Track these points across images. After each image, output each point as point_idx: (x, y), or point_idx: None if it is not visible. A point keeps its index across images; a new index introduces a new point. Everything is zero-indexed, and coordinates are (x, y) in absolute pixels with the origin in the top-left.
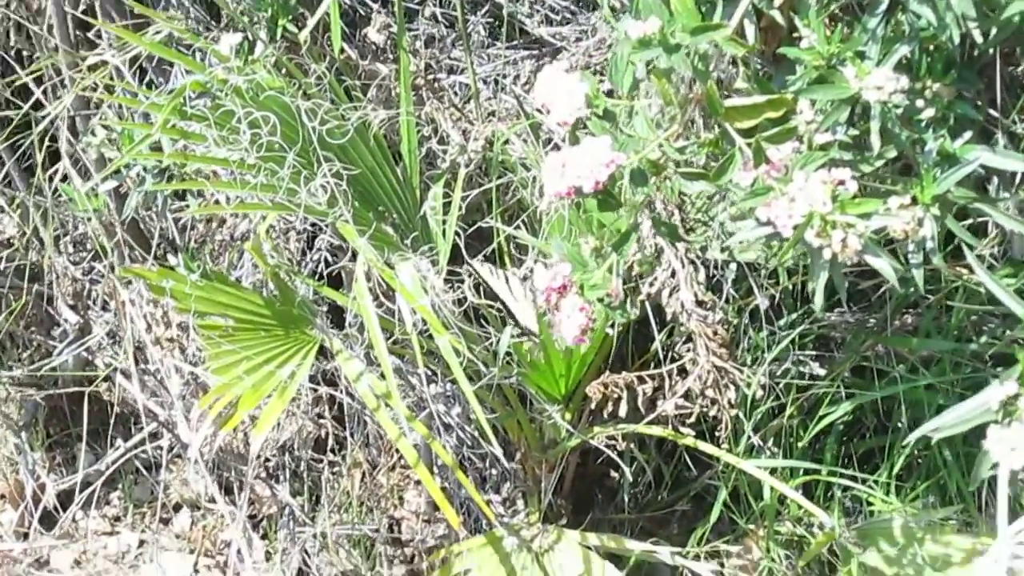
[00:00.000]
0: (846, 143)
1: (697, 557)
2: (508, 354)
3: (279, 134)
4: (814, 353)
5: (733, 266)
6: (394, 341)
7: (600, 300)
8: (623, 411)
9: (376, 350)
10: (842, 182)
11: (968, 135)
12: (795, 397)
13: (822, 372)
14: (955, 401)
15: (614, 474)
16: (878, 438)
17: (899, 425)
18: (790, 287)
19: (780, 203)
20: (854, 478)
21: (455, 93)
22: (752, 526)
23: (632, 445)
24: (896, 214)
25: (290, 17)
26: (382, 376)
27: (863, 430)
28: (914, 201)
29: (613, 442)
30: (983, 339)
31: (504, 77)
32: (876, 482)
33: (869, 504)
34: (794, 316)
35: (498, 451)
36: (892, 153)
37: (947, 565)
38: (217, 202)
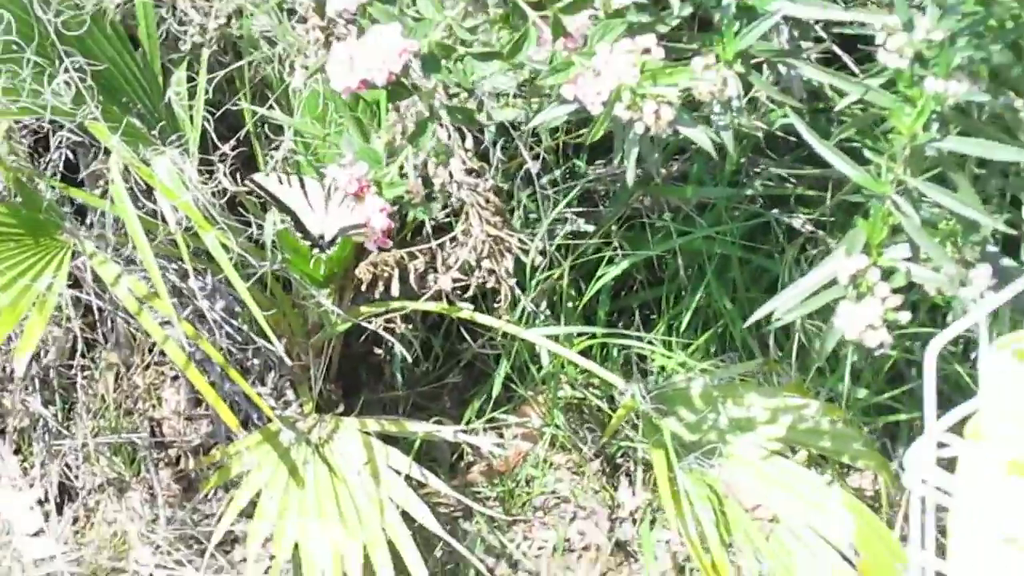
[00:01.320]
0: (641, 4)
1: (476, 431)
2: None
3: (14, 31)
4: (581, 210)
5: (493, 128)
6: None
7: (400, 198)
8: (395, 290)
9: (141, 254)
10: (648, 50)
11: None
12: (567, 258)
13: (590, 229)
14: (732, 249)
15: (378, 351)
16: (652, 290)
17: (675, 275)
18: (553, 145)
19: (586, 79)
20: (639, 337)
21: None
22: (530, 393)
23: (402, 322)
24: (702, 76)
25: None
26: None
27: (633, 284)
28: (716, 60)
29: (392, 325)
30: (758, 182)
31: None
32: (657, 339)
33: (652, 360)
34: (557, 174)
35: (279, 347)
36: (688, 10)
37: (752, 424)
38: None
